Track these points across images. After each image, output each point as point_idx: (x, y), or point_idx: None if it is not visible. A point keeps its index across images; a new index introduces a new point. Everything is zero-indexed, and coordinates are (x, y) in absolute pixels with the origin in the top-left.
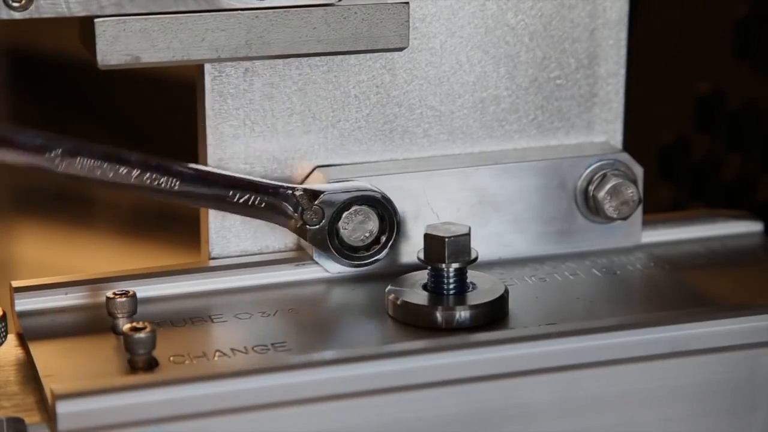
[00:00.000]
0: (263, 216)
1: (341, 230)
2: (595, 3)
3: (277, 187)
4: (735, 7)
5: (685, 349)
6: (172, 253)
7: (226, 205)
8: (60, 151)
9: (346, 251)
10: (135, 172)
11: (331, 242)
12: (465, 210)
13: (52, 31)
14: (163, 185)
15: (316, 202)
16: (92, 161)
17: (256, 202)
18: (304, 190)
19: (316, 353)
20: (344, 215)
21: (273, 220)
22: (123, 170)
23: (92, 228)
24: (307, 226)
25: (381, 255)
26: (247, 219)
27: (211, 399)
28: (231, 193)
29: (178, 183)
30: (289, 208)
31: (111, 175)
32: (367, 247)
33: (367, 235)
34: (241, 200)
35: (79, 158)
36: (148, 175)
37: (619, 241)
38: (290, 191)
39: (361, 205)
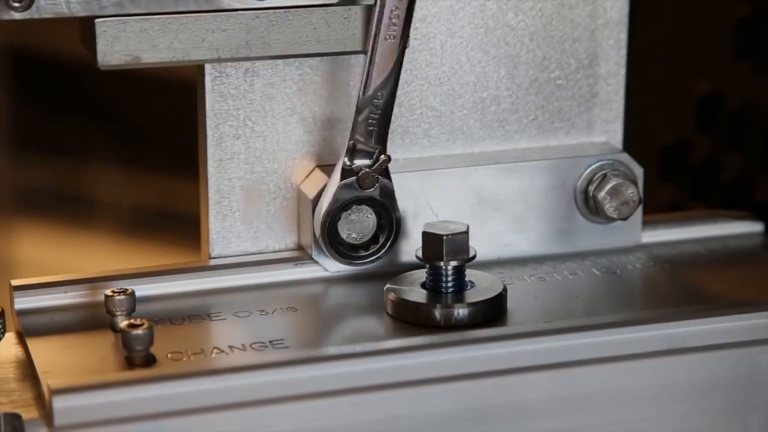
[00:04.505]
0: (356, 130)
1: (341, 230)
2: (596, 3)
3: (385, 140)
4: (735, 7)
5: (683, 346)
6: (172, 253)
7: (366, 102)
8: None
9: (345, 250)
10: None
11: (332, 239)
12: (464, 209)
13: (52, 31)
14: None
15: (378, 177)
16: None
17: (374, 122)
18: (387, 165)
19: (314, 350)
20: (344, 215)
21: (354, 133)
22: None
23: (92, 228)
24: (357, 177)
25: (380, 255)
26: (248, 219)
27: (207, 395)
28: (377, 102)
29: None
30: (367, 156)
31: None
32: (366, 246)
33: (367, 234)
34: (375, 114)
35: None
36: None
37: (619, 241)
38: (380, 151)
39: (360, 204)
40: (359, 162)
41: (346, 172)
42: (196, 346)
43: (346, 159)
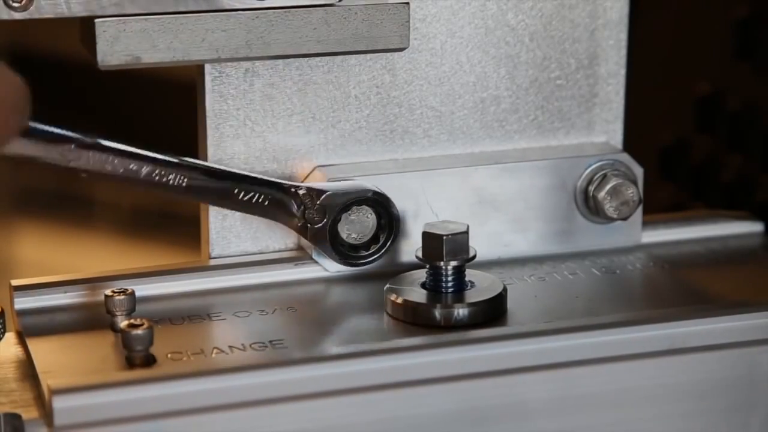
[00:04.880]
0: (267, 213)
1: (341, 230)
2: (596, 3)
3: (280, 185)
4: (735, 8)
5: (683, 346)
6: (172, 253)
7: (230, 202)
8: (72, 145)
9: (345, 251)
10: (145, 168)
11: (331, 241)
12: (464, 209)
13: (52, 31)
14: (171, 182)
15: (318, 202)
16: (103, 156)
17: (260, 200)
18: (308, 189)
19: (314, 350)
20: (344, 215)
21: (276, 218)
22: (133, 166)
23: (92, 228)
24: (309, 225)
25: (379, 255)
26: (248, 219)
27: (207, 395)
28: (236, 190)
29: (186, 180)
30: (293, 206)
31: (121, 170)
32: (366, 246)
33: (367, 234)
34: (246, 197)
35: (90, 153)
36: (157, 171)
37: (619, 241)
38: (294, 189)
39: (361, 204)
40: (297, 209)
41: (302, 231)
42: (196, 346)
43: (296, 227)
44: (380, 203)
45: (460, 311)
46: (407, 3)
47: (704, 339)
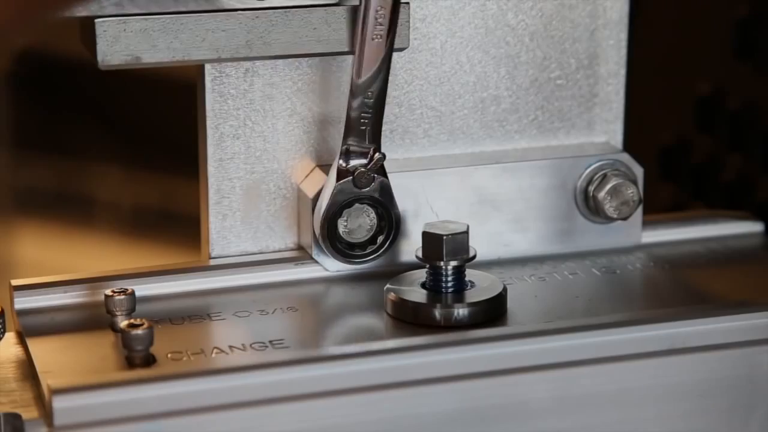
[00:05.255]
0: (349, 130)
1: (341, 227)
2: (596, 3)
3: (379, 137)
4: (735, 7)
5: (683, 346)
6: (172, 253)
7: (357, 98)
8: None
9: (345, 249)
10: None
11: (331, 238)
12: (464, 209)
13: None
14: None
15: (374, 173)
16: None
17: (365, 121)
18: (382, 163)
19: (314, 350)
20: (343, 213)
21: (347, 136)
22: None
23: (92, 228)
24: (353, 176)
25: (380, 253)
26: (248, 219)
27: (207, 394)
28: (372, 94)
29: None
30: (361, 153)
31: None
32: (365, 245)
33: (367, 231)
34: (365, 112)
35: None
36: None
37: (619, 241)
38: (376, 149)
39: (362, 203)
40: (354, 162)
41: (341, 173)
42: (196, 346)
43: (341, 160)
44: (381, 203)
45: (460, 311)
46: (407, 3)
47: (704, 339)
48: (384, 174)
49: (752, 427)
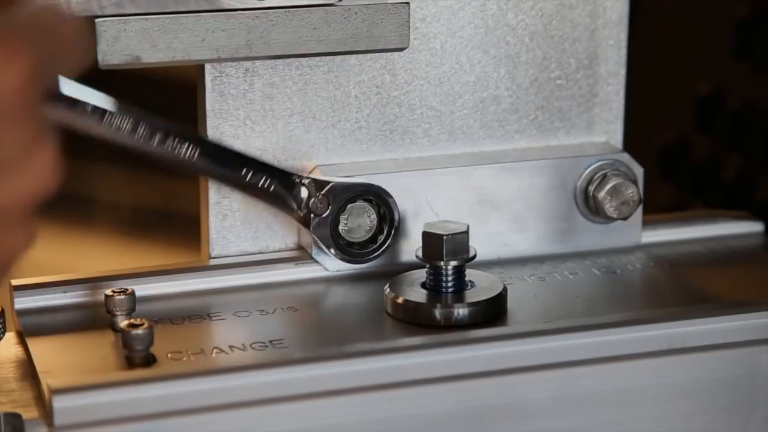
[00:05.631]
0: (270, 199)
1: (342, 225)
2: (596, 3)
3: (288, 173)
4: (735, 7)
5: (683, 346)
6: (172, 253)
7: (236, 183)
8: (90, 107)
9: (346, 246)
10: (157, 137)
11: (332, 234)
12: (464, 209)
13: None
14: (183, 153)
15: (322, 192)
16: (119, 120)
17: (267, 185)
18: (314, 179)
19: (314, 350)
20: (346, 209)
21: (278, 205)
22: (145, 133)
23: (92, 228)
24: (312, 215)
25: (380, 253)
26: (248, 219)
27: (207, 394)
28: (245, 170)
29: (197, 153)
30: (298, 194)
31: (134, 138)
32: (365, 244)
33: (367, 230)
34: (253, 180)
35: (106, 116)
36: (169, 141)
37: (619, 241)
38: (298, 179)
39: (363, 201)
40: (300, 199)
41: (304, 220)
42: (196, 346)
43: (296, 213)
44: (382, 200)
45: (460, 311)
46: (407, 3)
47: (704, 339)
48: (327, 183)
49: (752, 427)
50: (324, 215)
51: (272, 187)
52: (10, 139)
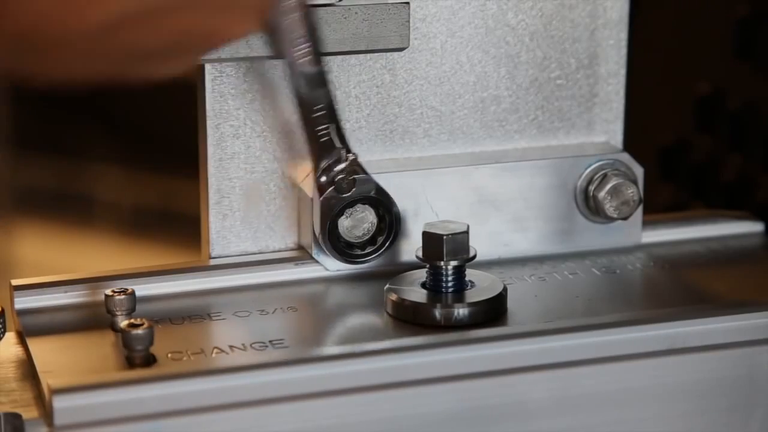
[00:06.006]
0: (312, 145)
1: (341, 227)
2: (596, 3)
3: (345, 138)
4: (735, 7)
5: (683, 346)
6: (172, 253)
7: (306, 113)
8: None
9: (343, 247)
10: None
11: (330, 228)
12: (464, 209)
13: None
14: (298, 53)
15: (354, 176)
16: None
17: (321, 131)
18: (357, 162)
19: (314, 350)
20: (345, 214)
21: (312, 154)
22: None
23: (92, 228)
24: (330, 188)
25: (380, 252)
26: (248, 219)
27: (207, 395)
28: (320, 106)
29: (309, 58)
30: (332, 159)
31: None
32: (363, 245)
33: (365, 232)
34: (318, 125)
35: None
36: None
37: (619, 240)
38: (347, 150)
39: (363, 203)
40: (329, 170)
41: (322, 186)
42: (196, 346)
43: (317, 175)
44: (382, 203)
45: (461, 311)
46: (407, 3)
47: (704, 339)
48: (363, 171)
49: (752, 427)
50: (339, 195)
51: (325, 138)
52: None
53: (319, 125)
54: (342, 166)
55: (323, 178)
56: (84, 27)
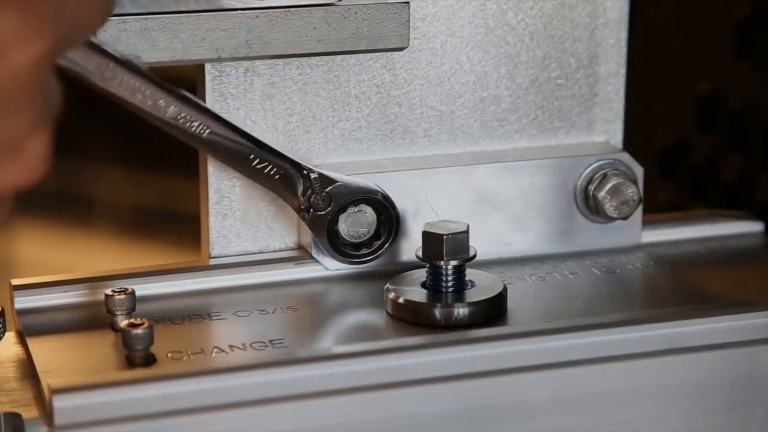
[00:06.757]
0: (274, 186)
1: (341, 227)
2: (596, 3)
3: (296, 163)
4: (735, 7)
5: (683, 346)
6: (172, 253)
7: (243, 165)
8: (111, 63)
9: (343, 248)
10: (172, 107)
11: (329, 234)
12: (464, 208)
13: None
14: (194, 128)
15: (326, 190)
16: (136, 82)
17: (272, 171)
18: (320, 174)
19: (314, 349)
20: (345, 213)
21: (280, 193)
22: (162, 102)
23: (92, 228)
24: (311, 210)
25: (379, 254)
26: (248, 219)
27: (207, 394)
28: (253, 155)
29: (208, 130)
30: (300, 186)
31: (149, 103)
32: (365, 245)
33: (366, 233)
34: (259, 165)
35: (126, 76)
36: (183, 114)
37: (619, 240)
38: (306, 171)
39: (363, 203)
40: (303, 191)
41: (302, 214)
42: (196, 346)
43: (299, 206)
44: (384, 206)
45: (461, 311)
46: (407, 2)
47: (704, 339)
48: (333, 180)
49: (752, 427)
50: (322, 213)
51: (277, 175)
52: (11, 123)
53: (257, 163)
54: (306, 187)
55: (302, 206)
56: None
